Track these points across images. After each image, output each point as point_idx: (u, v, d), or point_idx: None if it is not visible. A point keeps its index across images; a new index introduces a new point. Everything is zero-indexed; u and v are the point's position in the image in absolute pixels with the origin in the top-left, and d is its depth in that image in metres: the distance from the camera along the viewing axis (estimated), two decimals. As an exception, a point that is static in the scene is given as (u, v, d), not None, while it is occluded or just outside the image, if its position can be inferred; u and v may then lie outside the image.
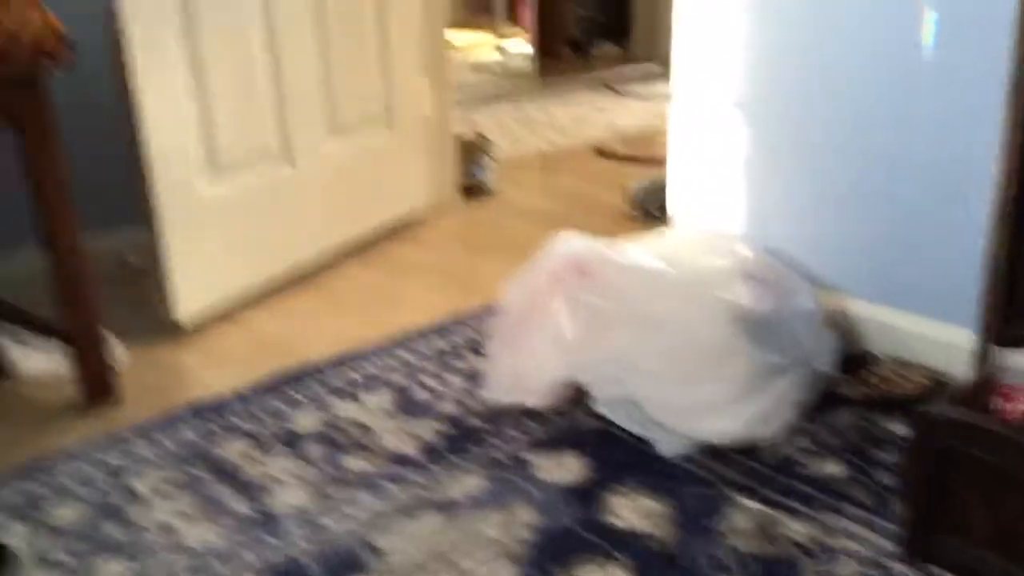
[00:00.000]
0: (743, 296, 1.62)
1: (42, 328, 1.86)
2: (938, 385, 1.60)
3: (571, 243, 1.69)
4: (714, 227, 2.00)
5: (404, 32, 2.55)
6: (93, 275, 1.74)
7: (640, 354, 1.55)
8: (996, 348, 1.18)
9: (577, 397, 1.68)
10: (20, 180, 1.64)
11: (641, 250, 1.69)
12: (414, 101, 2.64)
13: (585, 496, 1.44)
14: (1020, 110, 1.10)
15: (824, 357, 1.64)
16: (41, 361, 1.91)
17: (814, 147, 1.82)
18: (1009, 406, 1.15)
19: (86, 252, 1.70)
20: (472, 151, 2.97)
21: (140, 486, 1.51)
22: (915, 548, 1.21)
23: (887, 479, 1.43)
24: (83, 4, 1.81)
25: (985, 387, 1.18)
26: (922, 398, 1.55)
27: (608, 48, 5.30)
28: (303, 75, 2.26)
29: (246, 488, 1.50)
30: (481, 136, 3.07)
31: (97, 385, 1.77)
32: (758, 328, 1.59)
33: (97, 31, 1.85)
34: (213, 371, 1.92)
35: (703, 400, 1.53)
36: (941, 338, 1.65)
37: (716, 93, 1.96)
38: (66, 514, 1.45)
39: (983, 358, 1.19)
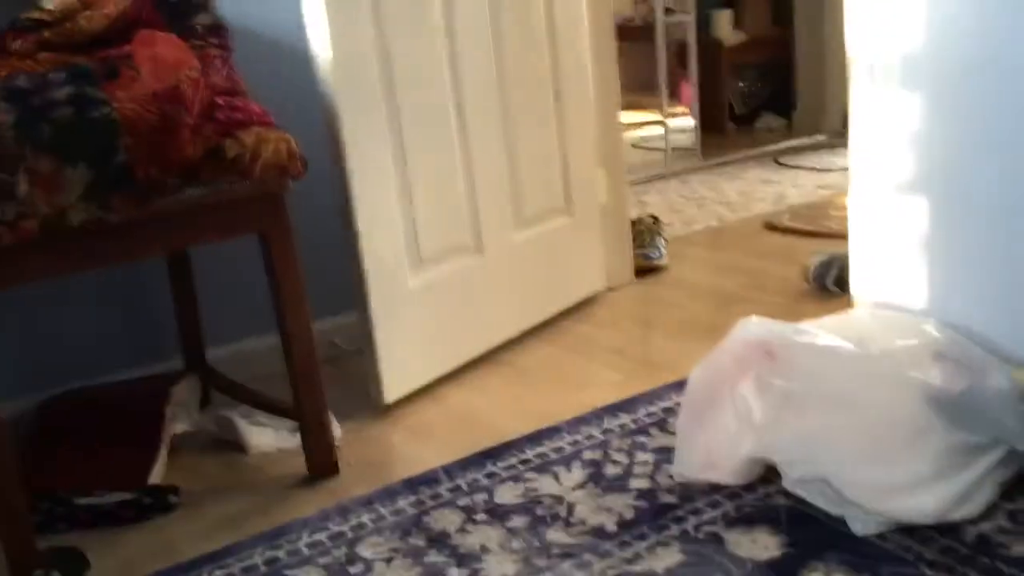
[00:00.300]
0: (934, 375, 1.65)
1: (274, 408, 2.09)
2: None
3: (756, 326, 1.77)
4: (898, 304, 2.02)
5: (581, 126, 2.72)
6: (319, 361, 1.95)
7: (831, 434, 1.60)
8: None
9: (768, 475, 1.73)
10: (252, 279, 1.89)
11: (827, 330, 1.74)
12: (591, 190, 2.80)
13: (782, 573, 1.49)
14: None
15: (1021, 435, 1.63)
16: (270, 437, 2.14)
17: (1001, 226, 1.83)
18: None
19: (314, 341, 1.92)
20: (645, 233, 3.09)
21: (367, 553, 1.68)
22: None
23: (1097, 562, 1.42)
24: (306, 125, 2.06)
25: None
26: None
27: (772, 120, 5.35)
28: (491, 171, 2.46)
29: (460, 557, 1.63)
30: (653, 218, 3.19)
31: (322, 460, 1.97)
32: (952, 407, 1.60)
33: (313, 141, 2.10)
34: (419, 446, 2.09)
35: (898, 479, 1.55)
36: None
37: (897, 169, 2.00)
38: (306, 577, 1.63)
39: None
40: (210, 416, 2.22)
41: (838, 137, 4.84)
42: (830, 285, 2.65)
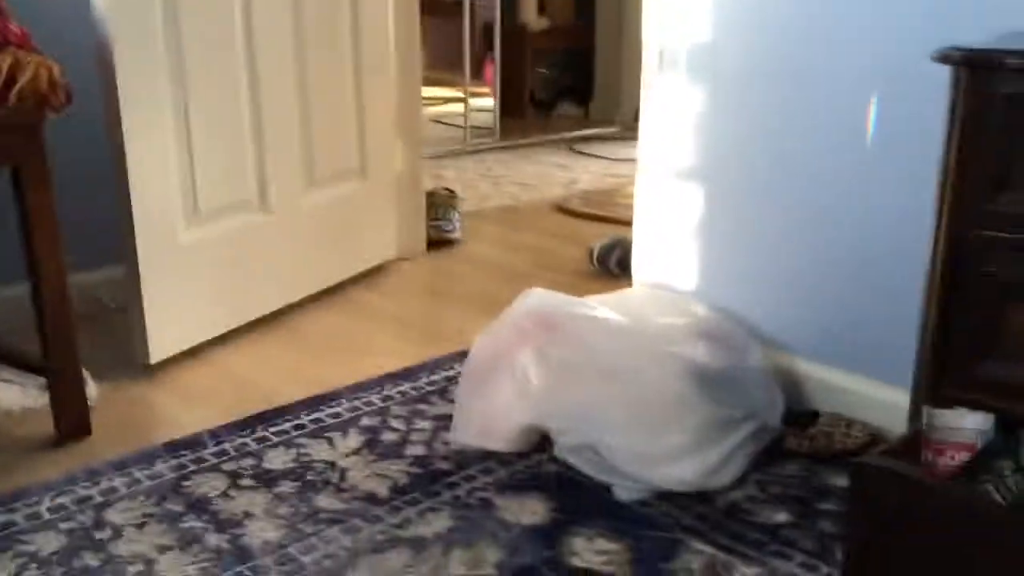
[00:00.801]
0: (699, 352, 1.73)
1: (20, 363, 1.90)
2: (877, 441, 1.72)
3: (538, 297, 1.79)
4: (672, 286, 2.11)
5: (380, 93, 2.66)
6: (74, 314, 1.79)
7: (601, 403, 1.65)
8: (928, 407, 1.29)
9: (541, 443, 1.76)
10: (8, 220, 1.71)
11: (605, 306, 1.79)
12: (387, 157, 2.74)
13: (548, 536, 1.52)
14: (945, 197, 1.24)
15: (772, 412, 1.75)
16: (15, 394, 1.95)
17: (767, 216, 1.95)
18: (939, 460, 1.26)
19: (69, 291, 1.76)
20: (439, 205, 3.07)
21: (117, 519, 1.56)
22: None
23: (830, 527, 1.54)
24: (77, 51, 1.88)
25: (917, 442, 1.29)
26: (862, 452, 1.66)
27: (570, 108, 5.49)
28: (283, 129, 2.36)
29: (221, 522, 1.55)
30: (449, 191, 3.18)
31: (73, 420, 1.81)
32: (712, 383, 1.69)
33: (83, 78, 1.93)
34: (185, 409, 1.97)
35: (661, 449, 1.62)
36: (881, 397, 1.77)
37: (679, 160, 2.09)
38: (46, 543, 1.49)
39: (916, 415, 1.30)
40: (-56, 370, 1.99)
41: (630, 130, 5.03)
42: (612, 267, 2.74)
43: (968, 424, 1.20)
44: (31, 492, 1.62)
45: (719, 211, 2.04)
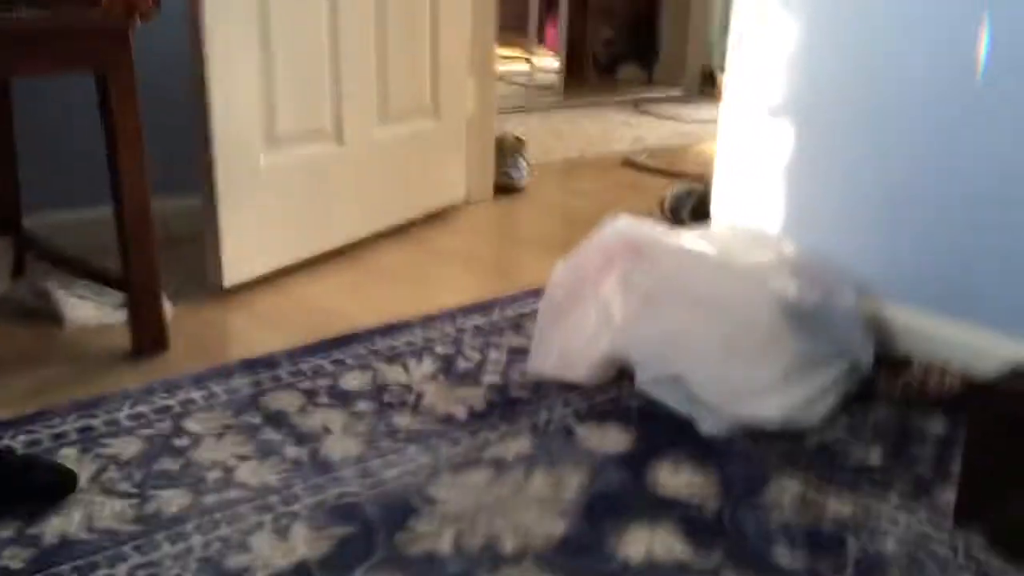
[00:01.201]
0: (789, 288, 1.67)
1: (99, 277, 1.90)
2: (973, 387, 1.65)
3: (625, 225, 1.74)
4: (756, 228, 2.05)
5: (456, 29, 2.62)
6: (155, 229, 1.78)
7: (689, 334, 1.60)
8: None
9: (621, 375, 1.72)
10: (83, 145, 1.70)
11: (693, 237, 1.74)
12: (460, 97, 2.70)
13: (631, 465, 1.48)
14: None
15: (864, 353, 1.69)
16: (91, 310, 1.95)
17: (858, 155, 1.88)
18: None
19: (150, 206, 1.75)
20: (508, 151, 3.03)
21: (196, 428, 1.55)
22: (965, 516, 1.26)
23: (925, 471, 1.47)
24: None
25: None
26: (961, 396, 1.60)
27: (633, 71, 5.40)
28: (360, 62, 2.32)
29: (299, 436, 1.53)
30: (517, 138, 3.13)
31: (151, 335, 1.80)
32: (803, 319, 1.63)
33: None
34: (259, 332, 1.96)
35: (749, 383, 1.57)
36: (976, 343, 1.70)
37: (768, 97, 2.02)
38: (125, 448, 1.48)
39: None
40: (24, 284, 2.00)
41: (695, 94, 4.94)
42: (686, 217, 2.67)
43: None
44: (109, 400, 1.62)
45: (809, 150, 1.97)
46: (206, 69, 1.95)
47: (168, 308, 1.94)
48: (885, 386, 1.69)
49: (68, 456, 1.45)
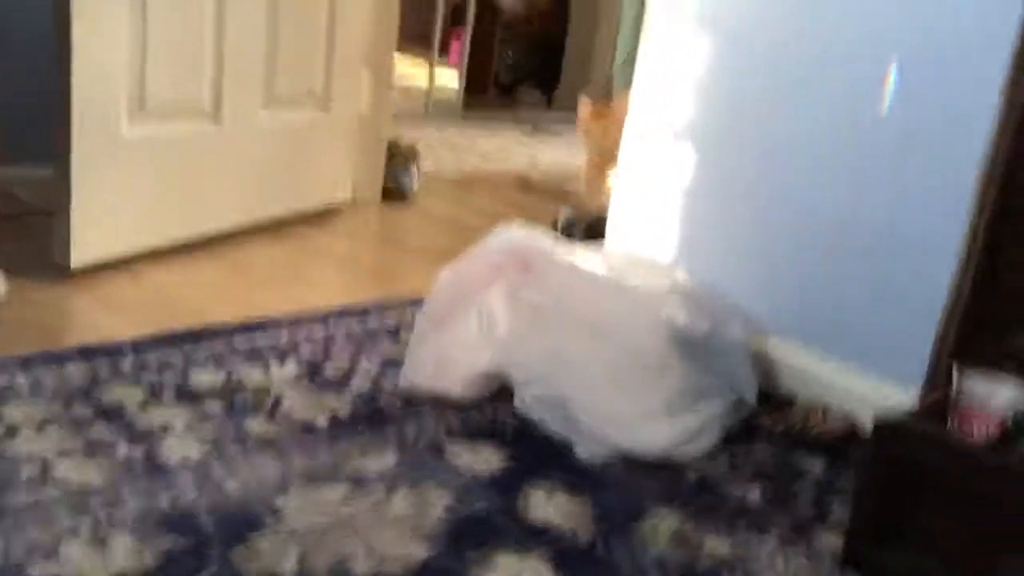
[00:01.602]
0: (680, 316, 1.61)
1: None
2: (855, 429, 1.61)
3: (517, 235, 1.64)
4: (647, 256, 1.99)
5: (353, 21, 2.48)
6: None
7: (574, 356, 1.51)
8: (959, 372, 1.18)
9: (498, 392, 1.61)
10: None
11: (586, 256, 1.66)
12: (353, 90, 2.56)
13: (502, 487, 1.37)
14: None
15: (749, 387, 1.64)
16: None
17: (755, 191, 1.84)
18: (968, 428, 1.15)
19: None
20: (400, 156, 2.90)
21: (15, 415, 1.35)
22: (854, 556, 1.20)
23: (804, 512, 1.42)
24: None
25: (940, 407, 1.19)
26: (843, 439, 1.56)
27: (533, 94, 5.36)
28: (247, 38, 2.17)
29: (134, 434, 1.36)
30: (411, 145, 3.01)
31: (-26, 308, 1.59)
32: (692, 348, 1.57)
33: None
34: (104, 318, 1.77)
35: (632, 410, 1.49)
36: (859, 387, 1.67)
37: (667, 127, 1.96)
38: (-77, 432, 1.28)
39: (940, 377, 1.20)
40: None
41: (594, 122, 4.93)
42: (579, 237, 2.60)
43: (1002, 393, 1.10)
44: (-85, 378, 1.41)
45: (705, 182, 1.92)
46: (70, 21, 1.75)
47: (2, 284, 1.73)
48: (768, 424, 1.63)
49: None
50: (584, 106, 2.90)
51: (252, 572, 1.10)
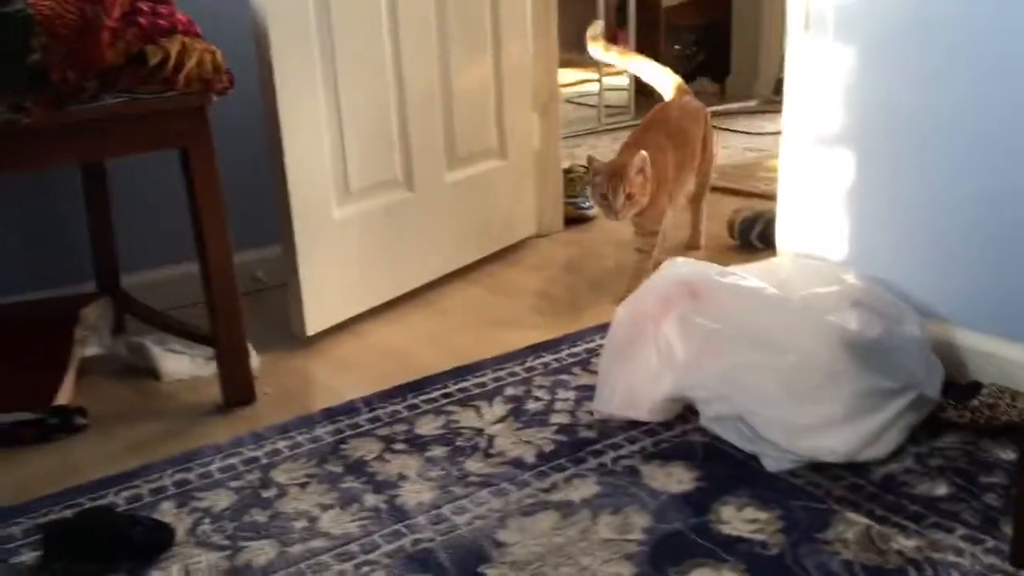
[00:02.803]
0: (851, 321, 1.68)
1: (190, 334, 2.03)
2: (1045, 413, 1.63)
3: (682, 266, 1.78)
4: (819, 256, 2.06)
5: (518, 70, 2.69)
6: (239, 289, 1.89)
7: (749, 373, 1.63)
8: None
9: (685, 413, 1.76)
10: (171, 206, 1.83)
11: (751, 274, 1.76)
12: (525, 134, 2.77)
13: (695, 504, 1.52)
14: None
15: (931, 383, 1.68)
16: (185, 365, 2.08)
17: (922, 180, 1.87)
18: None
19: (233, 262, 1.86)
20: (577, 181, 3.08)
21: (282, 478, 1.65)
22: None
23: (994, 501, 1.47)
24: (233, 38, 1.99)
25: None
26: (1030, 424, 1.59)
27: (706, 85, 5.38)
28: (425, 108, 2.42)
29: (377, 484, 1.62)
30: (585, 168, 3.18)
31: (238, 387, 1.92)
32: (867, 353, 1.64)
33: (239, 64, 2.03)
34: (340, 379, 2.06)
35: (811, 419, 1.59)
36: (1048, 367, 1.68)
37: (827, 125, 2.02)
38: (218, 501, 1.59)
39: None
40: (122, 341, 2.15)
41: (769, 103, 4.90)
42: (754, 240, 2.68)
43: None
44: (203, 453, 1.74)
45: (870, 177, 1.97)
46: (280, 134, 2.06)
47: (255, 359, 2.06)
48: (953, 416, 1.68)
49: (166, 510, 1.56)
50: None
51: (485, 599, 1.32)
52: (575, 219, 3.04)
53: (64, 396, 1.91)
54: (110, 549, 1.42)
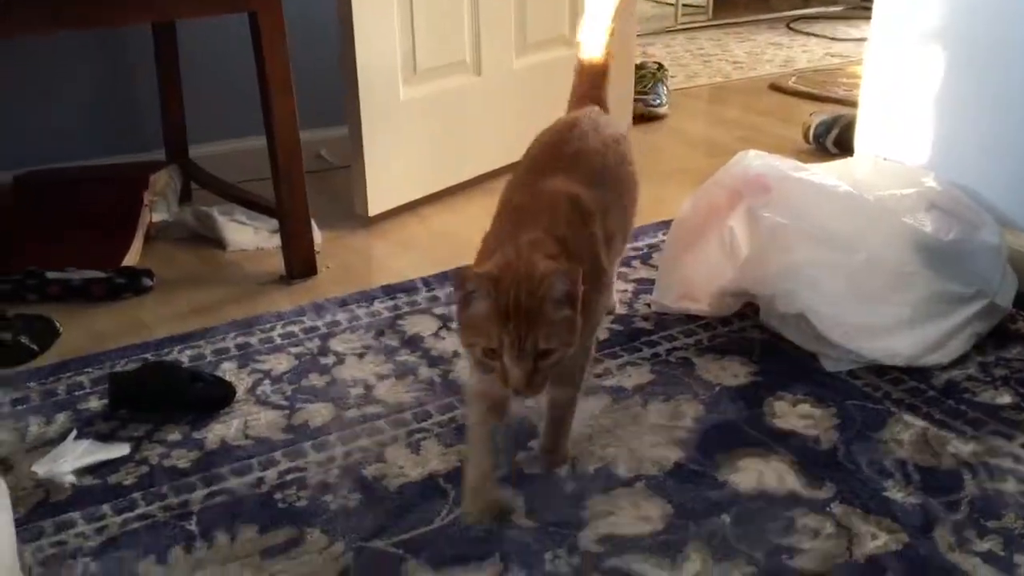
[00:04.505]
0: (927, 223, 1.63)
1: (255, 205, 2.05)
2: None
3: (753, 158, 1.73)
4: (900, 159, 1.98)
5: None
6: (302, 162, 1.90)
7: (816, 271, 1.59)
8: None
9: (744, 310, 1.73)
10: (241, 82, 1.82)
11: (824, 172, 1.71)
12: (598, 22, 2.69)
13: (749, 398, 1.51)
14: None
15: (1004, 292, 1.63)
16: (250, 236, 2.11)
17: (1013, 87, 1.78)
18: None
19: (298, 133, 1.86)
20: (648, 78, 3.00)
21: (340, 348, 1.68)
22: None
23: (1059, 414, 1.44)
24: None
25: None
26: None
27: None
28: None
29: (432, 358, 1.64)
30: (658, 64, 3.10)
31: (301, 260, 1.94)
32: (940, 256, 1.59)
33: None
34: (400, 259, 2.07)
35: (879, 320, 1.55)
36: None
37: (918, 23, 1.92)
38: (278, 364, 1.63)
39: None
40: (189, 210, 2.19)
41: (855, 8, 4.69)
42: (830, 145, 2.60)
43: None
44: (265, 320, 1.77)
45: (958, 82, 1.88)
46: (350, 7, 2.03)
47: (317, 235, 2.07)
48: (1024, 326, 1.63)
49: (228, 370, 1.61)
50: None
51: (534, 473, 1.33)
52: (644, 117, 2.97)
53: (132, 258, 1.96)
54: (173, 401, 1.47)
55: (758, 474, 1.32)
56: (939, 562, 1.16)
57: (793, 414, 1.46)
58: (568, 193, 1.27)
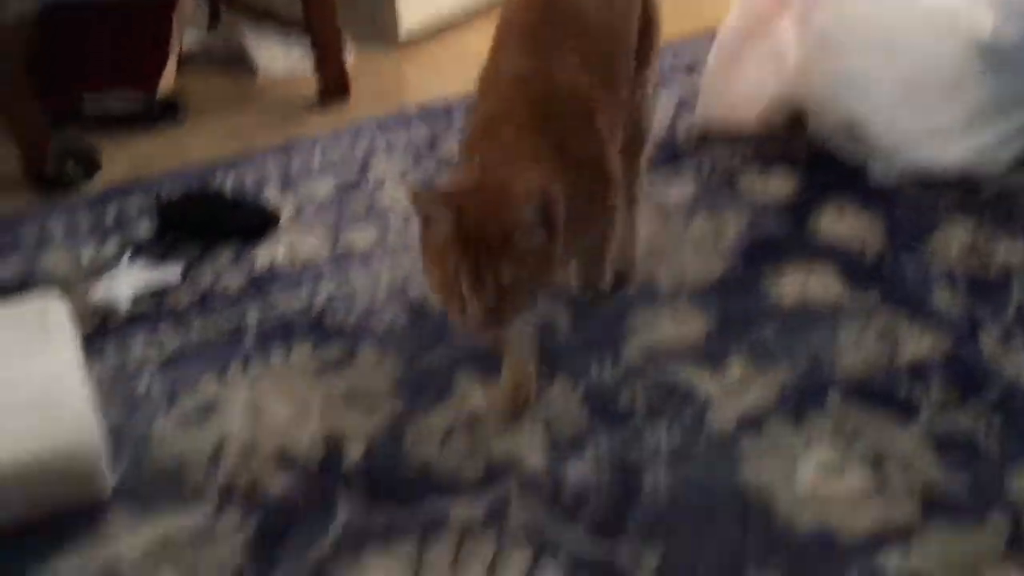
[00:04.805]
0: (985, 24, 1.54)
1: (285, 21, 1.99)
2: None
3: (804, -39, 1.63)
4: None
5: None
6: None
7: (868, 76, 1.52)
8: None
9: (790, 122, 1.68)
10: None
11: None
12: None
13: (794, 210, 1.48)
14: None
15: (1067, 95, 1.56)
16: (281, 59, 2.07)
17: None
18: None
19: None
20: None
21: (381, 170, 1.67)
22: None
23: (1114, 221, 1.40)
24: None
25: None
26: None
27: None
28: None
29: (472, 179, 1.62)
30: None
31: (334, 82, 1.91)
32: (998, 58, 1.51)
33: None
34: (432, 81, 2.02)
35: (933, 126, 1.50)
36: None
37: None
38: (318, 189, 1.63)
39: None
40: (219, 35, 2.14)
41: None
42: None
43: None
44: (303, 144, 1.76)
45: None
46: None
47: (349, 54, 2.02)
48: (1084, 131, 1.56)
49: (271, 196, 1.61)
50: None
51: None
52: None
53: (167, 84, 1.93)
54: (220, 225, 1.48)
55: (801, 286, 1.32)
56: (983, 367, 1.16)
57: (838, 226, 1.44)
58: (559, 81, 1.06)
